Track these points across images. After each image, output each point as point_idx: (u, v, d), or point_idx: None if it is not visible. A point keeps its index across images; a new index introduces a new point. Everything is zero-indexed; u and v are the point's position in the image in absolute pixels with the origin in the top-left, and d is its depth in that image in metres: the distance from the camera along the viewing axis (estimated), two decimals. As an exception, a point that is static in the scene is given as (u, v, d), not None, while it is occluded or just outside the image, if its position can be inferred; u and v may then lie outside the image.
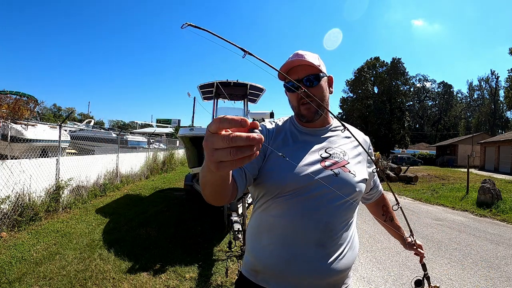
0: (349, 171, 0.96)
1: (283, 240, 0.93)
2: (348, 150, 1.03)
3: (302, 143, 1.02)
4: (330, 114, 1.10)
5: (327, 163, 0.96)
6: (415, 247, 1.21)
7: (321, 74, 1.01)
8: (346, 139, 1.07)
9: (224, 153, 0.44)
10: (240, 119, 0.44)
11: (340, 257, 0.93)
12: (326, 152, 1.00)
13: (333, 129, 1.09)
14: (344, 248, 0.95)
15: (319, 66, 1.01)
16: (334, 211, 0.92)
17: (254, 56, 0.74)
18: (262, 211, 0.99)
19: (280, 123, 1.10)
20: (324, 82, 1.03)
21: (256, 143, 0.43)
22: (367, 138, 1.16)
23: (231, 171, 0.55)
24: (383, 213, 1.26)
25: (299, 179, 0.92)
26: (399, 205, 1.17)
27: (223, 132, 0.44)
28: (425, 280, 1.20)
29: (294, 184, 0.92)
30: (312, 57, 1.01)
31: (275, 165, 0.96)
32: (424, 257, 1.23)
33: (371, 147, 1.17)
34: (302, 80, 0.99)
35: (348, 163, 0.99)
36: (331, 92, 1.08)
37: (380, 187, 1.28)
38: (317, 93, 0.99)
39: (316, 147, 1.01)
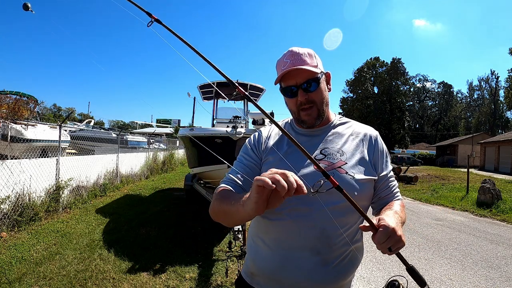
0: (346, 172, 0.90)
1: (278, 244, 0.91)
2: (347, 149, 0.96)
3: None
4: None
5: (320, 165, 0.88)
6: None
7: (319, 75, 0.95)
8: (349, 137, 1.00)
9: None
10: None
11: (338, 266, 0.88)
12: (321, 154, 0.94)
13: (335, 126, 1.03)
14: (344, 257, 0.89)
15: (317, 66, 0.95)
16: (328, 216, 0.84)
17: (163, 25, 0.74)
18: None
19: (277, 127, 1.06)
20: (323, 82, 0.97)
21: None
22: (372, 133, 1.03)
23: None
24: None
25: None
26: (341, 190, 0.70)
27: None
28: (404, 279, 0.82)
29: None
30: (309, 58, 0.96)
31: (267, 169, 0.94)
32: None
33: (378, 143, 1.01)
34: (300, 86, 0.93)
35: (346, 163, 0.92)
36: (329, 90, 1.02)
37: (397, 196, 1.01)
38: (316, 97, 0.95)
39: (311, 148, 0.96)
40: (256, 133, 1.08)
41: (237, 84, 0.85)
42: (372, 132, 1.04)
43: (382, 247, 0.71)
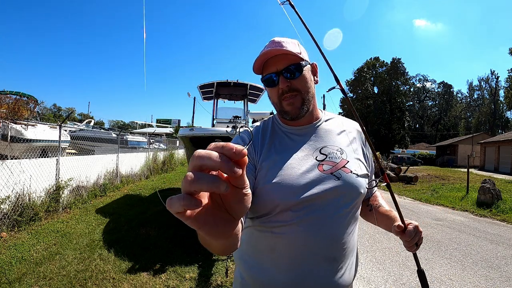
0: (351, 171, 0.85)
1: (290, 260, 0.81)
2: (345, 147, 0.91)
3: (291, 147, 0.88)
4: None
5: (325, 166, 0.84)
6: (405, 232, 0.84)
7: (303, 62, 0.87)
8: (341, 133, 0.95)
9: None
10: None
11: (349, 267, 0.87)
12: (322, 154, 0.87)
13: (325, 123, 0.96)
14: (352, 258, 0.88)
15: (300, 53, 0.86)
16: (340, 220, 0.82)
17: (293, 7, 0.82)
18: (259, 228, 0.86)
19: (262, 127, 0.95)
20: (307, 71, 0.89)
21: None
22: (358, 127, 0.99)
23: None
24: (367, 204, 1.02)
25: (297, 192, 0.79)
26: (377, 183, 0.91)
27: None
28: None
29: (293, 198, 0.79)
30: (291, 44, 0.87)
31: (268, 178, 0.82)
32: (411, 245, 0.85)
33: (362, 136, 0.99)
34: (281, 72, 0.85)
35: (348, 161, 0.87)
36: (316, 82, 0.94)
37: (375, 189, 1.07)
38: (300, 85, 0.87)
39: (308, 149, 0.88)
40: (244, 135, 0.92)
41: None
42: (357, 126, 1.00)
43: (411, 242, 0.83)
